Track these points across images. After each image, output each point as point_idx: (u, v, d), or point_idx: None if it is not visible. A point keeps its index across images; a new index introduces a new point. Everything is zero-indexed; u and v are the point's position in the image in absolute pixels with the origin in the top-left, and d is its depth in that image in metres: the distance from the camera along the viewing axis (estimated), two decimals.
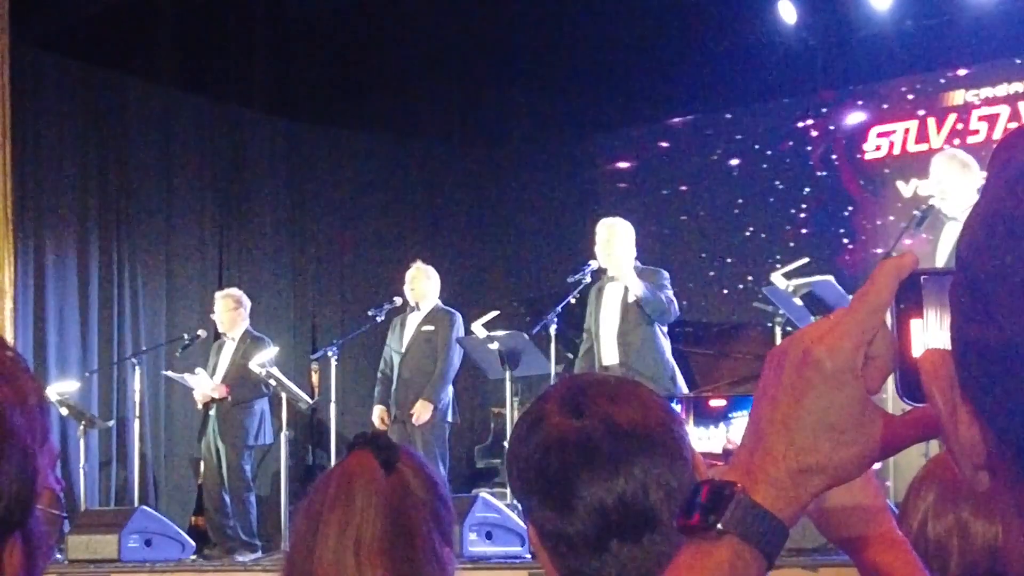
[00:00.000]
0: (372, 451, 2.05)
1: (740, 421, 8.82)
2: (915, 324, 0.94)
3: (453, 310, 9.84)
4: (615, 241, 8.82)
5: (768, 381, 1.01)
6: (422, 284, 9.81)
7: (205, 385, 10.16)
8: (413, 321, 9.79)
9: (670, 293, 8.76)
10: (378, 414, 9.78)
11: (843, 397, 0.98)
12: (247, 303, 10.48)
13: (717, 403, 9.49)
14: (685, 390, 8.92)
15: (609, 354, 8.75)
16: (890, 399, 1.11)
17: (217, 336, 10.68)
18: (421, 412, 9.47)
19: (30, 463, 1.28)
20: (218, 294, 10.62)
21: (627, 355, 8.65)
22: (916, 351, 0.93)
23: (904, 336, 0.94)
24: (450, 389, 9.71)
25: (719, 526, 1.01)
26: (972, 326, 0.77)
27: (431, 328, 9.69)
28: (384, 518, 2.00)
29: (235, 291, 10.68)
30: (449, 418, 9.67)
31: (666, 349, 8.76)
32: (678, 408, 8.34)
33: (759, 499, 1.00)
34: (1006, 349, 0.75)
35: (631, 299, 8.69)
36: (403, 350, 9.71)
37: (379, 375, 9.98)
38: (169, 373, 10.59)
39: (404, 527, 2.01)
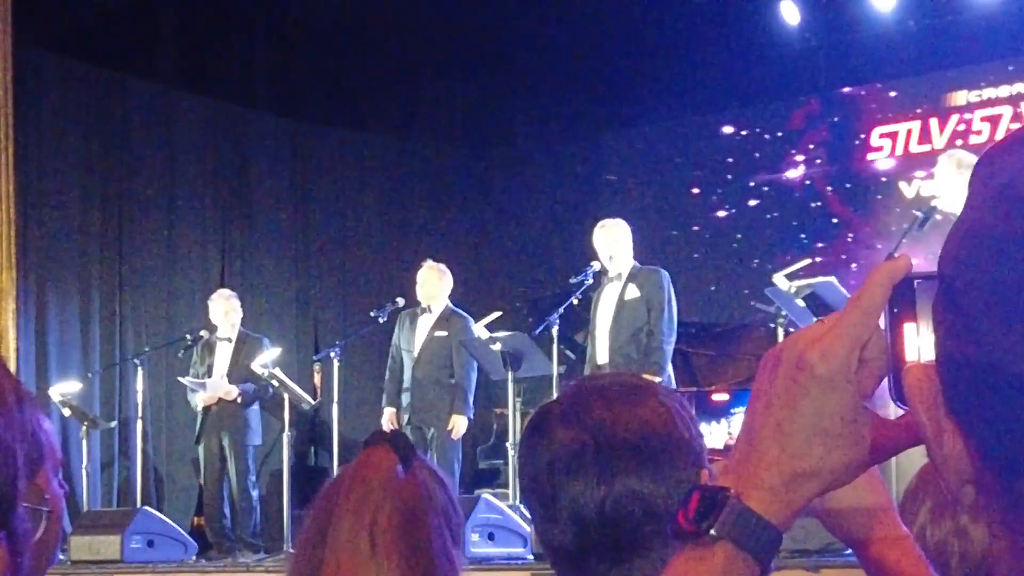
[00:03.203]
0: (391, 448, 2.04)
1: (742, 416, 8.83)
2: (909, 328, 0.93)
3: (465, 313, 9.81)
4: (614, 241, 8.85)
5: (762, 385, 1.01)
6: (433, 285, 9.77)
7: (220, 388, 10.13)
8: (425, 323, 9.73)
9: (669, 297, 8.77)
10: (388, 417, 9.72)
11: (836, 402, 0.97)
12: (237, 300, 10.54)
13: (719, 398, 9.49)
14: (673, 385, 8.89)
15: (603, 352, 8.77)
16: (891, 407, 1.11)
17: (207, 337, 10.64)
18: (458, 427, 9.49)
19: (10, 462, 1.27)
20: (220, 297, 10.55)
21: (618, 352, 8.67)
22: (910, 355, 0.92)
23: (898, 340, 0.94)
24: None
25: (712, 532, 1.00)
26: (955, 342, 0.77)
27: (444, 333, 9.65)
28: (400, 509, 1.99)
29: (231, 291, 10.70)
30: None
31: None
32: None
33: (752, 504, 1.00)
34: (988, 366, 0.74)
35: (628, 297, 8.73)
36: (415, 353, 9.68)
37: (387, 373, 9.93)
38: (185, 380, 10.43)
39: (419, 521, 2.00)
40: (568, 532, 1.67)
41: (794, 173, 12.44)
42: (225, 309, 10.39)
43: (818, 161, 12.35)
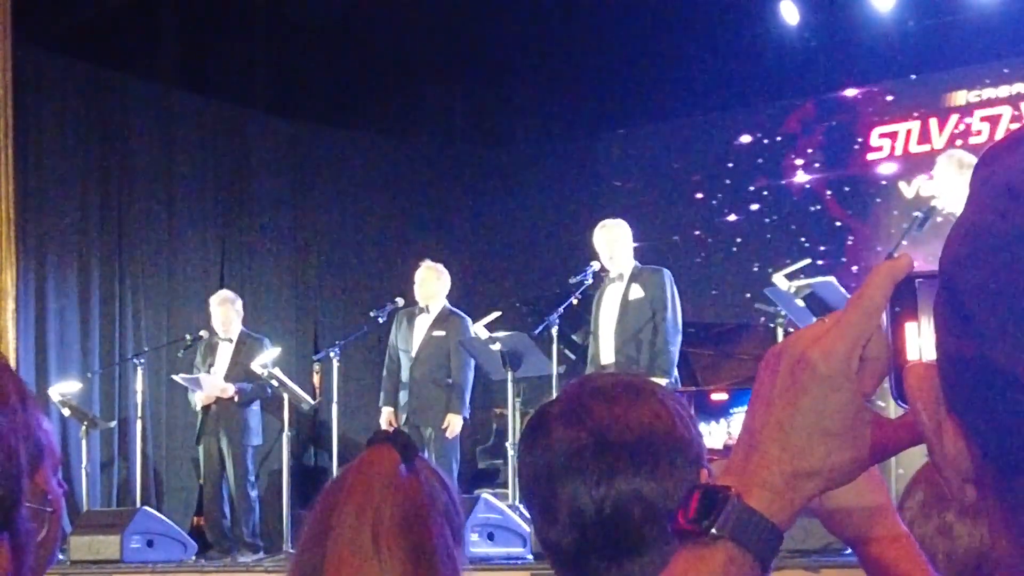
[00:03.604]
0: (393, 446, 2.05)
1: (741, 416, 8.83)
2: (910, 327, 0.93)
3: (462, 313, 9.83)
4: (614, 242, 8.86)
5: (763, 384, 1.01)
6: (432, 285, 9.78)
7: (215, 387, 10.14)
8: (423, 323, 9.75)
9: (672, 296, 8.79)
10: (386, 416, 9.76)
11: (837, 401, 0.98)
12: (240, 302, 10.56)
13: (718, 397, 9.48)
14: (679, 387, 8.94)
15: (607, 352, 8.78)
16: (891, 405, 1.11)
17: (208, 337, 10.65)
18: (454, 425, 9.51)
19: (14, 462, 1.27)
20: (216, 300, 10.57)
21: (623, 352, 8.68)
22: (911, 354, 0.92)
23: (899, 339, 0.94)
24: None
25: (713, 530, 1.00)
26: (955, 341, 0.77)
27: (442, 333, 9.66)
28: (402, 507, 1.99)
29: (230, 293, 10.72)
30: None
31: None
32: None
33: (753, 503, 1.00)
34: (988, 364, 0.74)
35: (632, 297, 8.74)
36: (413, 353, 9.69)
37: (384, 373, 9.95)
38: (179, 377, 10.48)
39: (421, 518, 2.00)
40: (568, 532, 1.66)
41: (793, 176, 12.43)
42: (225, 311, 10.40)
43: (816, 165, 12.33)
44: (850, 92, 12.22)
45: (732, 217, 12.61)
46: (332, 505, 2.01)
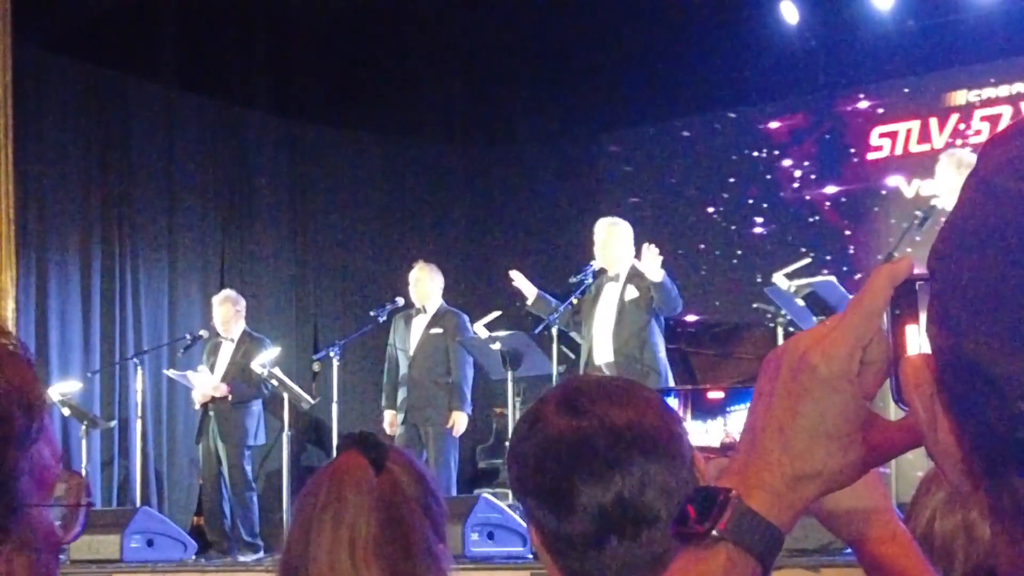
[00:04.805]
0: (361, 451, 2.05)
1: (738, 414, 8.84)
2: (911, 330, 0.93)
3: (459, 311, 9.85)
4: (614, 241, 8.86)
5: (764, 387, 1.01)
6: (427, 285, 9.80)
7: (207, 384, 10.17)
8: (420, 323, 9.77)
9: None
10: (389, 419, 9.78)
11: (838, 403, 0.98)
12: (243, 303, 10.56)
13: (715, 395, 9.49)
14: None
15: (603, 352, 8.77)
16: (890, 407, 1.11)
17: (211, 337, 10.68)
18: (458, 423, 9.52)
19: (6, 463, 1.25)
20: (216, 299, 10.63)
21: (621, 353, 8.68)
22: None
23: (900, 342, 0.94)
24: None
25: (714, 532, 1.01)
26: (943, 335, 0.77)
27: (440, 331, 9.69)
28: (377, 516, 2.00)
29: (231, 293, 10.73)
30: None
31: (660, 346, 8.80)
32: (675, 401, 8.36)
33: (754, 505, 1.00)
34: (962, 358, 0.75)
35: (628, 297, 8.74)
36: (411, 352, 9.71)
37: (385, 376, 9.97)
38: (170, 372, 10.60)
39: (397, 524, 2.01)
40: (586, 521, 1.69)
41: (794, 181, 12.40)
42: (225, 310, 10.42)
43: (813, 176, 12.30)
44: (850, 91, 12.21)
45: (733, 227, 12.58)
46: (310, 516, 2.02)
